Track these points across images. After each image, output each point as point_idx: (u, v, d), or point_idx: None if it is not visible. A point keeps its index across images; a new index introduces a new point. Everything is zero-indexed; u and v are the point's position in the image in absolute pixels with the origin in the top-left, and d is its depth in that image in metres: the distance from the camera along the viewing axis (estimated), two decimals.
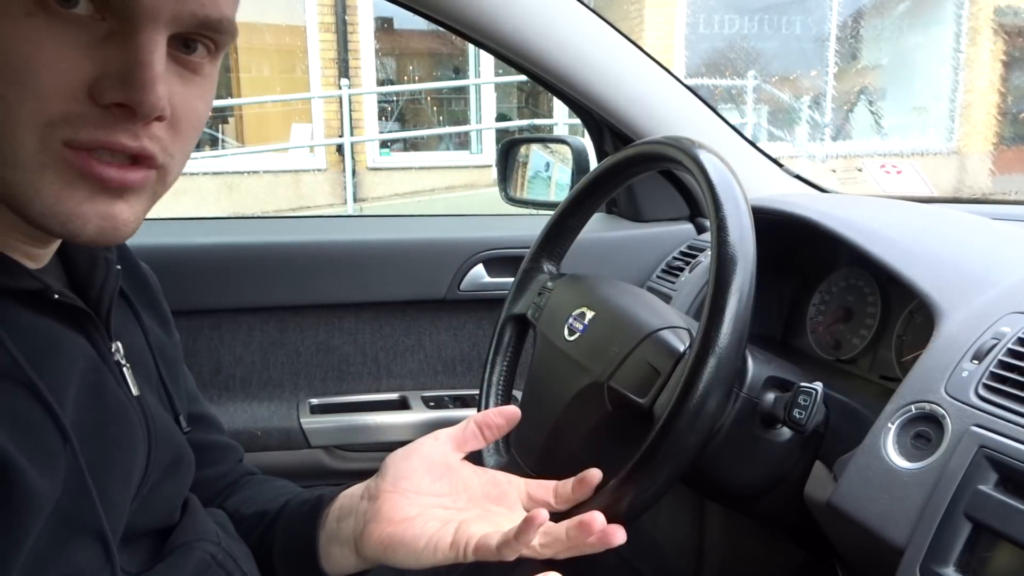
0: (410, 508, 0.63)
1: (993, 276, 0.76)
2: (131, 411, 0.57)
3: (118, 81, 0.44)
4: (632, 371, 0.74)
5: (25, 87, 0.43)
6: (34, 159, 0.45)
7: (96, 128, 0.45)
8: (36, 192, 0.46)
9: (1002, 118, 8.05)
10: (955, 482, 0.60)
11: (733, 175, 0.71)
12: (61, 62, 0.44)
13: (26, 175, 0.45)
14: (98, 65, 0.45)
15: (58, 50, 0.44)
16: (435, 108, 8.90)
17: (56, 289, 0.52)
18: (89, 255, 0.58)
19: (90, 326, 0.55)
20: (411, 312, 1.26)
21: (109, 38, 0.45)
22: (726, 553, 1.16)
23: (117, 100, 0.45)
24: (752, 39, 8.54)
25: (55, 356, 0.51)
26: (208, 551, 0.63)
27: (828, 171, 7.52)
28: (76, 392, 0.52)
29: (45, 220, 0.46)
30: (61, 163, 0.45)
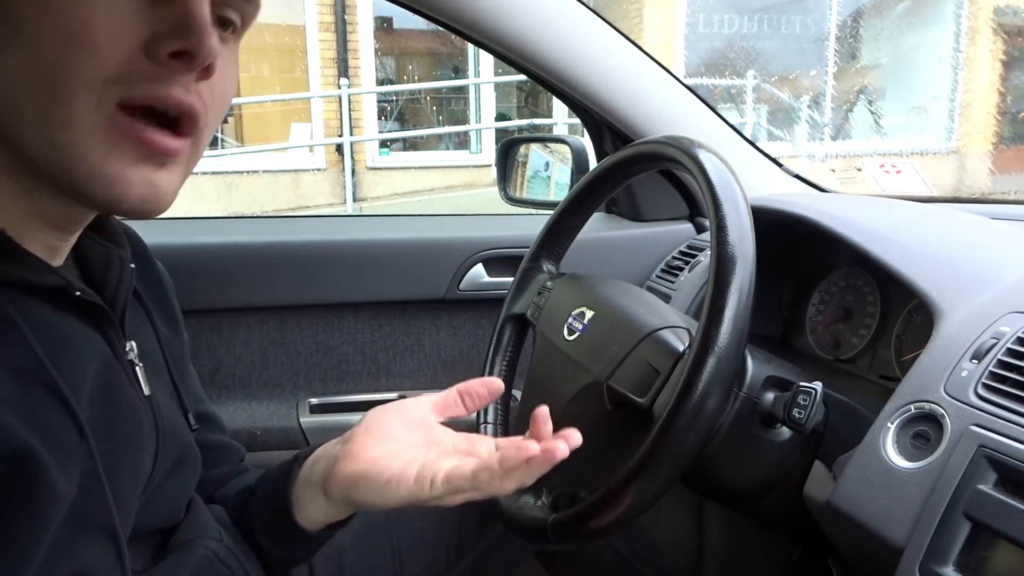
0: (378, 449, 0.63)
1: (992, 276, 0.76)
2: (142, 410, 0.57)
3: (174, 32, 0.46)
4: (632, 371, 0.74)
5: (82, 47, 0.44)
6: (86, 120, 0.46)
7: (150, 83, 0.47)
8: (84, 154, 0.46)
9: (1001, 118, 8.04)
10: (954, 482, 0.60)
11: (733, 175, 0.71)
12: (116, 22, 0.45)
13: (76, 136, 0.46)
14: (150, 24, 0.46)
15: (112, 11, 0.45)
16: (434, 108, 8.90)
17: (77, 286, 0.53)
18: (104, 254, 0.58)
19: (106, 324, 0.56)
20: (411, 312, 1.26)
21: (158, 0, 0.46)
22: (725, 552, 1.16)
23: (175, 48, 0.46)
24: (751, 39, 8.54)
25: (73, 353, 0.52)
26: (210, 548, 0.64)
27: (828, 171, 7.52)
28: (91, 390, 0.52)
29: (90, 184, 0.47)
30: (111, 126, 0.46)
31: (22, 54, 0.44)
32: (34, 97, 0.45)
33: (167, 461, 0.60)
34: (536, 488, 0.80)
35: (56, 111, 0.45)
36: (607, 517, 0.66)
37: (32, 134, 0.46)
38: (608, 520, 0.66)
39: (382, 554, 0.89)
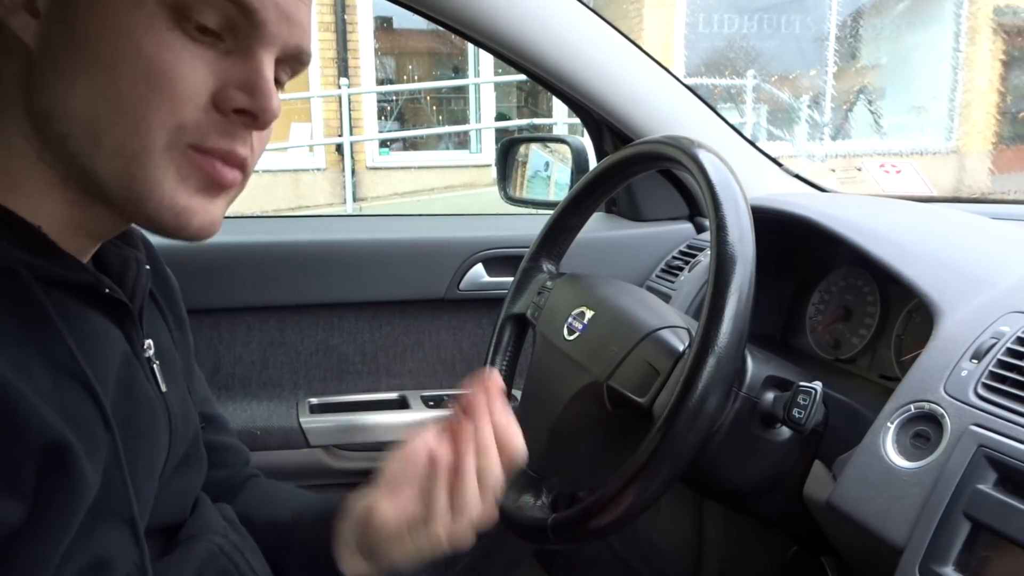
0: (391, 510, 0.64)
1: (992, 276, 0.76)
2: (157, 406, 0.59)
3: (241, 91, 0.50)
4: (631, 370, 0.74)
5: (163, 91, 0.48)
6: (162, 155, 0.49)
7: (220, 136, 0.51)
8: (156, 184, 0.50)
9: (1001, 117, 8.04)
10: (954, 481, 0.60)
11: (732, 175, 0.71)
12: (194, 73, 0.49)
13: (150, 169, 0.49)
14: (220, 78, 0.50)
15: (191, 61, 0.49)
16: (434, 107, 8.89)
17: (106, 283, 0.55)
18: (120, 256, 0.60)
19: (128, 322, 0.58)
20: (410, 312, 1.26)
21: (229, 55, 0.51)
22: (725, 552, 1.16)
23: (242, 107, 0.51)
24: (751, 38, 8.54)
25: (100, 348, 0.54)
26: (215, 543, 0.64)
27: (827, 170, 7.51)
28: (114, 384, 0.54)
29: (160, 212, 0.51)
30: (183, 163, 0.50)
31: (106, 87, 0.48)
32: (112, 127, 0.48)
33: (176, 457, 0.62)
34: (536, 488, 0.80)
35: (133, 143, 0.49)
36: (607, 517, 0.66)
37: (106, 162, 0.49)
38: (608, 520, 0.66)
39: None
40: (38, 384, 0.47)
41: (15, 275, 0.49)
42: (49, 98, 0.49)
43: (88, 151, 0.49)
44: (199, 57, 0.49)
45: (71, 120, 0.49)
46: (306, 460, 1.19)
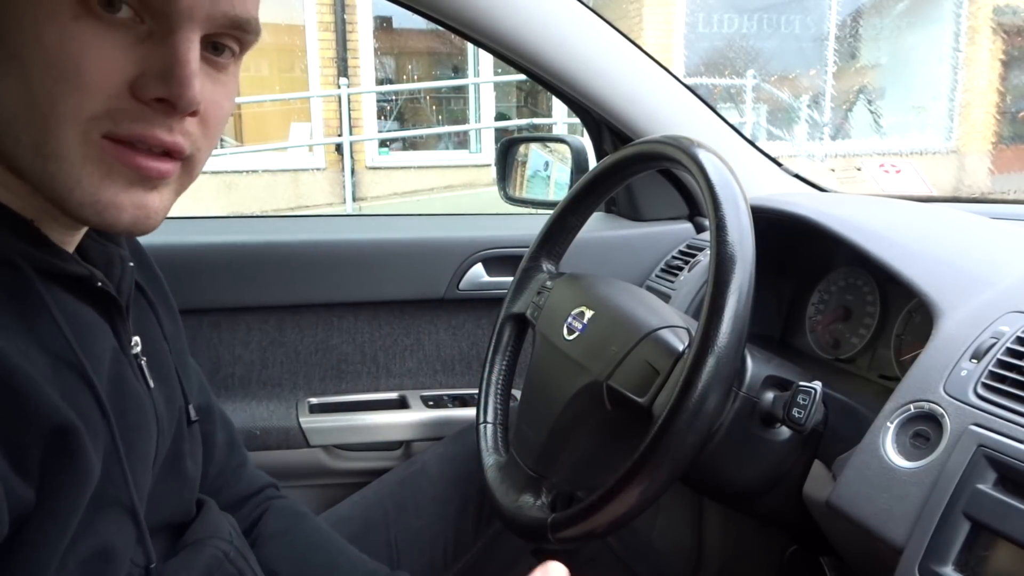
0: None
1: (992, 275, 0.76)
2: (145, 402, 0.59)
3: (158, 78, 0.48)
4: (631, 370, 0.74)
5: (70, 84, 0.46)
6: (76, 151, 0.47)
7: (135, 122, 0.48)
8: (76, 182, 0.48)
9: (1001, 117, 8.04)
10: (954, 481, 0.60)
11: (732, 174, 0.71)
12: (104, 61, 0.46)
13: (67, 166, 0.48)
14: (138, 64, 0.47)
15: (101, 50, 0.46)
16: (434, 107, 8.89)
17: (99, 277, 0.55)
18: (104, 253, 0.60)
19: (116, 317, 0.58)
20: (410, 311, 1.26)
21: (148, 38, 0.48)
22: (725, 552, 1.16)
23: (158, 95, 0.48)
24: (751, 38, 8.54)
25: (92, 341, 0.54)
26: (221, 548, 0.64)
27: (827, 170, 7.51)
28: (106, 379, 0.54)
29: (83, 210, 0.49)
30: (101, 155, 0.48)
31: (17, 83, 0.46)
32: (27, 125, 0.47)
33: (163, 451, 0.62)
34: (535, 488, 0.80)
35: (46, 140, 0.47)
36: (606, 516, 0.66)
37: (27, 160, 0.48)
38: (607, 519, 0.66)
39: (379, 553, 0.89)
40: (41, 371, 0.47)
41: (15, 266, 0.49)
42: None
43: (12, 150, 0.48)
44: (111, 43, 0.47)
45: None
46: (306, 460, 1.19)
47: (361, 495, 1.02)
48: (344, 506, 1.00)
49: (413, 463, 1.06)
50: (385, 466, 1.20)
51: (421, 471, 1.03)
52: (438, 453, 1.05)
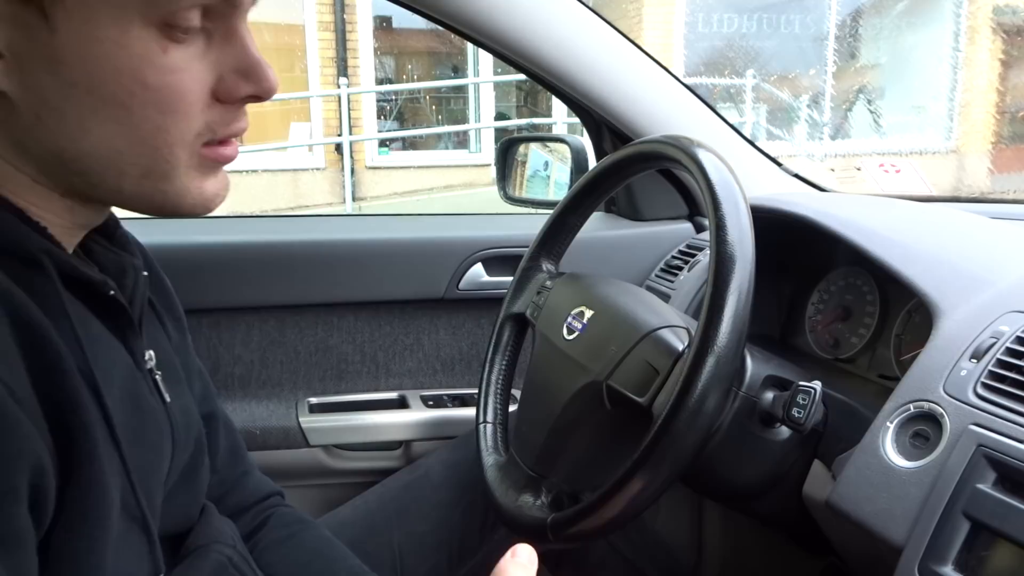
0: None
1: (992, 275, 0.76)
2: (161, 418, 0.58)
3: (240, 77, 0.50)
4: (631, 370, 0.74)
5: (176, 112, 0.48)
6: (184, 166, 0.50)
7: (229, 124, 0.51)
8: (187, 191, 0.51)
9: (1001, 117, 8.04)
10: (953, 481, 0.60)
11: (732, 174, 0.71)
12: (196, 81, 0.48)
13: (177, 182, 0.50)
14: (214, 68, 0.49)
15: (191, 71, 0.48)
16: (434, 107, 8.89)
17: (111, 285, 0.54)
18: (117, 262, 0.58)
19: (128, 332, 0.56)
20: (410, 311, 1.26)
21: (212, 41, 0.49)
22: (725, 552, 1.16)
23: (247, 93, 0.50)
24: (751, 38, 8.54)
25: (102, 356, 0.52)
26: (224, 553, 0.64)
27: (827, 170, 7.51)
28: (120, 394, 0.53)
29: (192, 210, 0.52)
30: (202, 160, 0.51)
31: (120, 126, 0.47)
32: (135, 158, 0.48)
33: (178, 466, 0.61)
34: (536, 487, 0.80)
35: (157, 166, 0.49)
36: (606, 516, 0.66)
37: (134, 185, 0.50)
38: (607, 519, 0.66)
39: (382, 558, 0.89)
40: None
41: (41, 267, 0.48)
42: (57, 143, 0.47)
43: (114, 182, 0.50)
44: (195, 60, 0.48)
45: (90, 159, 0.48)
46: (305, 460, 1.19)
47: (363, 499, 1.02)
48: (346, 510, 1.00)
49: (416, 468, 1.05)
50: (385, 466, 1.20)
51: (424, 476, 1.02)
52: (442, 458, 1.05)
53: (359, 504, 1.01)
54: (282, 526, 0.79)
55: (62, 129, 0.47)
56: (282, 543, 0.77)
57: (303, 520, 0.82)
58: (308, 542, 0.79)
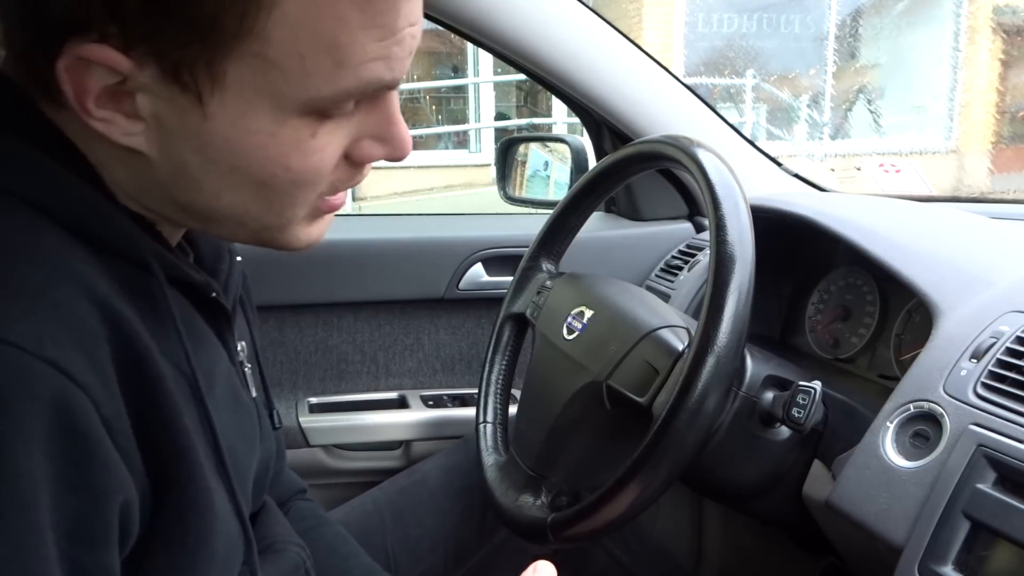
0: None
1: (992, 275, 0.76)
2: (252, 412, 0.58)
3: (377, 141, 0.49)
4: (631, 370, 0.74)
5: (311, 185, 0.48)
6: (300, 220, 0.51)
7: (348, 181, 0.51)
8: (297, 237, 0.52)
9: (1001, 117, 8.04)
10: (953, 481, 0.60)
11: (732, 174, 0.71)
12: (335, 153, 0.48)
13: (292, 230, 0.51)
14: (352, 132, 0.48)
15: (333, 145, 0.47)
16: (434, 107, 8.89)
17: (214, 287, 0.53)
18: (214, 244, 0.58)
19: (225, 326, 0.56)
20: (410, 311, 1.26)
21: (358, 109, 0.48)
22: (725, 552, 1.16)
23: (380, 157, 0.50)
24: (751, 38, 8.54)
25: (204, 354, 0.52)
26: (300, 555, 0.64)
27: (827, 170, 7.51)
28: (222, 395, 0.53)
29: (300, 248, 0.53)
30: (317, 212, 0.51)
31: (254, 196, 0.47)
32: (258, 216, 0.49)
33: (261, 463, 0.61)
34: (536, 487, 0.80)
35: (280, 220, 0.50)
36: (606, 516, 0.66)
37: (250, 234, 0.51)
38: (607, 519, 0.66)
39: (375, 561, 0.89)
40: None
41: (148, 268, 0.47)
42: (187, 200, 0.48)
43: (232, 230, 0.50)
44: (337, 132, 0.47)
45: (218, 214, 0.49)
46: (306, 460, 1.19)
47: (359, 501, 1.01)
48: (339, 512, 1.00)
49: (413, 472, 1.05)
50: (385, 466, 1.20)
51: (421, 481, 1.02)
52: (439, 463, 1.05)
53: (355, 506, 1.00)
54: (300, 519, 0.79)
55: (194, 193, 0.47)
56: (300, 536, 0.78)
57: (319, 515, 0.82)
58: (324, 537, 0.79)
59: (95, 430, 0.39)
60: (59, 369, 0.38)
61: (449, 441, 1.15)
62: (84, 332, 0.41)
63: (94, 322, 0.41)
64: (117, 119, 0.44)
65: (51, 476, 0.37)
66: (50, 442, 0.37)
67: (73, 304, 0.41)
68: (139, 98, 0.43)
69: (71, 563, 0.39)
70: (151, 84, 0.42)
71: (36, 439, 0.37)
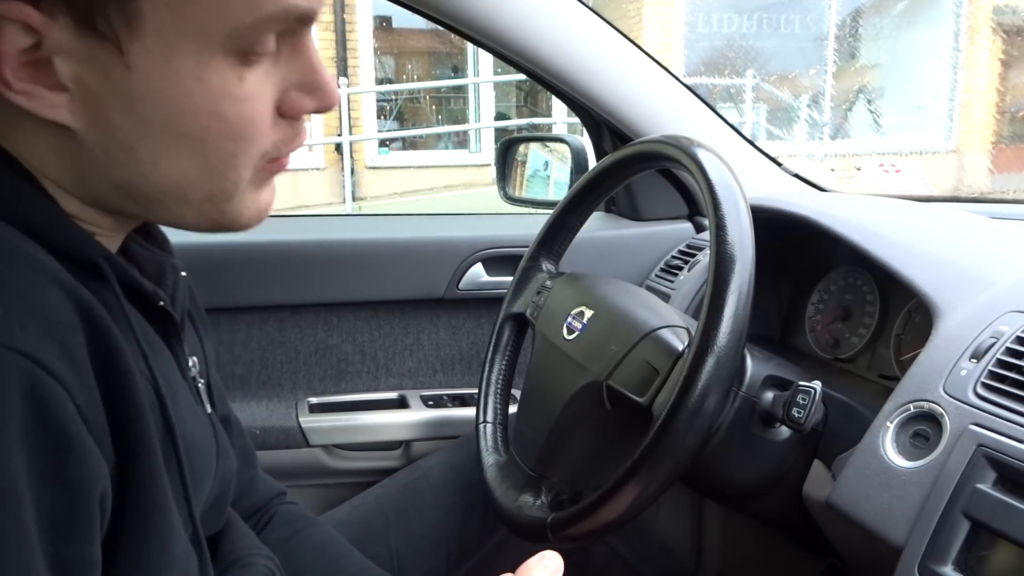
0: None
1: (991, 275, 0.76)
2: (208, 429, 0.57)
3: (304, 92, 0.48)
4: (631, 370, 0.74)
5: (248, 139, 0.46)
6: (247, 186, 0.49)
7: (292, 140, 0.49)
8: (245, 207, 0.50)
9: (1001, 117, 8.04)
10: (953, 481, 0.60)
11: (732, 174, 0.71)
12: (266, 102, 0.47)
13: (238, 200, 0.49)
14: (278, 83, 0.47)
15: (262, 94, 0.46)
16: (434, 107, 8.90)
17: (161, 296, 0.52)
18: (157, 262, 0.56)
19: (174, 339, 0.55)
20: (410, 311, 1.26)
21: (279, 58, 0.47)
22: (725, 552, 1.16)
23: (311, 110, 0.49)
24: (751, 38, 8.54)
25: (165, 365, 0.51)
26: (268, 567, 0.64)
27: (827, 170, 7.52)
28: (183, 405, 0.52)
29: (251, 222, 0.51)
30: (262, 176, 0.50)
31: (191, 158, 0.46)
32: (202, 184, 0.47)
33: (219, 478, 0.59)
34: (536, 487, 0.80)
35: (223, 189, 0.48)
36: (606, 516, 0.66)
37: (196, 209, 0.49)
38: (607, 519, 0.66)
39: (379, 559, 0.89)
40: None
41: (100, 272, 0.46)
42: (124, 177, 0.46)
43: (177, 209, 0.48)
44: (266, 82, 0.46)
45: (156, 191, 0.47)
46: (306, 460, 1.19)
47: (361, 499, 1.02)
48: (343, 510, 1.00)
49: (415, 469, 1.05)
50: (385, 466, 1.20)
51: (423, 478, 1.02)
52: (441, 460, 1.05)
53: (357, 504, 1.00)
54: (286, 524, 0.79)
55: (131, 165, 0.46)
56: (287, 541, 0.77)
57: (306, 517, 0.81)
58: (312, 539, 0.79)
59: (71, 422, 0.38)
60: (32, 359, 0.37)
61: (449, 441, 1.15)
62: (57, 322, 0.40)
63: (66, 312, 0.40)
64: (38, 91, 0.42)
65: (30, 469, 0.37)
66: (26, 435, 0.36)
67: (44, 294, 0.40)
68: (58, 63, 0.42)
69: (54, 558, 0.38)
70: (67, 42, 0.41)
71: (12, 432, 0.36)
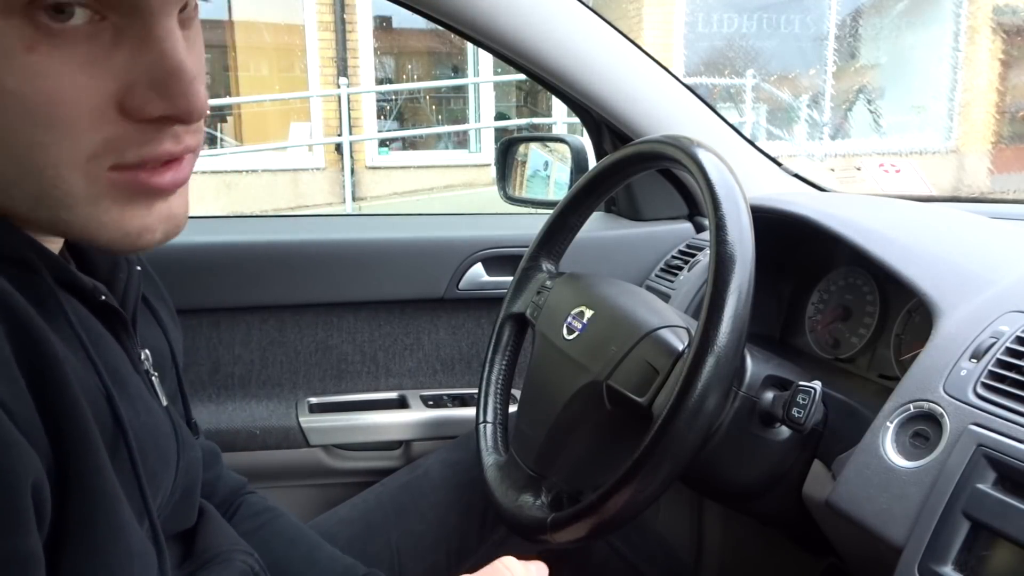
0: None
1: (992, 275, 0.76)
2: (164, 422, 0.55)
3: (152, 90, 0.41)
4: (631, 370, 0.74)
5: (56, 126, 0.40)
6: (85, 195, 0.42)
7: (141, 146, 0.42)
8: (100, 224, 0.43)
9: (1001, 117, 8.04)
10: (953, 481, 0.60)
11: (732, 174, 0.71)
12: (82, 87, 0.39)
13: (83, 212, 0.43)
14: (120, 75, 0.40)
15: (73, 75, 0.39)
16: (434, 107, 8.89)
17: (101, 290, 0.50)
18: (108, 259, 0.55)
19: (122, 332, 0.53)
20: (410, 311, 1.26)
21: (120, 40, 0.40)
22: (725, 552, 1.16)
23: (159, 114, 0.41)
24: (751, 38, 8.54)
25: (111, 357, 0.50)
26: (247, 563, 0.63)
27: (827, 170, 7.52)
28: (134, 395, 0.51)
29: (116, 244, 0.45)
30: (112, 188, 0.43)
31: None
32: (20, 179, 0.41)
33: (184, 471, 0.58)
34: (536, 487, 0.80)
35: (48, 192, 0.41)
36: (606, 516, 0.66)
37: (32, 212, 0.43)
38: (607, 519, 0.66)
39: (380, 556, 0.89)
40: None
41: (35, 269, 0.44)
42: None
43: (8, 206, 0.43)
44: (81, 62, 0.39)
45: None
46: (305, 460, 1.19)
47: (362, 498, 1.02)
48: (344, 508, 1.00)
49: (415, 468, 1.05)
50: (385, 466, 1.20)
51: (424, 476, 1.02)
52: (441, 458, 1.05)
53: (358, 503, 1.01)
54: (252, 515, 0.79)
55: None
56: (254, 533, 0.76)
57: (272, 508, 0.81)
58: (281, 531, 0.78)
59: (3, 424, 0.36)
60: None
61: (449, 441, 1.15)
62: None
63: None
64: None
65: None
66: None
67: None
68: None
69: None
70: None
71: None
